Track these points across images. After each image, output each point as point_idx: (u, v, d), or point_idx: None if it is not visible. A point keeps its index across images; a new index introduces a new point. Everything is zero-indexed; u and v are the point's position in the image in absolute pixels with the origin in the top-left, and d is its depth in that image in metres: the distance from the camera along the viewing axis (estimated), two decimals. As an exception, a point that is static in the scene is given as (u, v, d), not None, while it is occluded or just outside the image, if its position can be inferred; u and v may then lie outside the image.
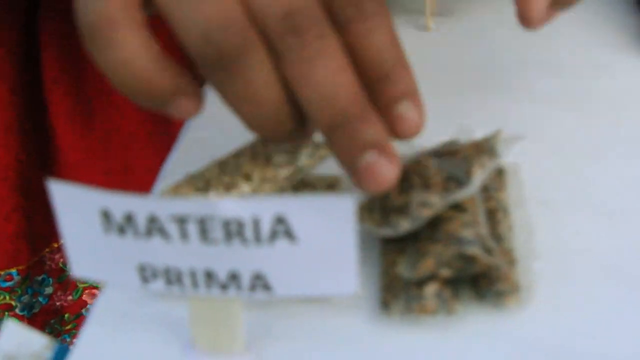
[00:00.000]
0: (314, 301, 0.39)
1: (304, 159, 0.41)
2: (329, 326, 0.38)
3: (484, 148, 0.41)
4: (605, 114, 0.53)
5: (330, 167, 0.42)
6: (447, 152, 0.41)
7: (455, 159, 0.40)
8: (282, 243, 0.32)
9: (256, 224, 0.31)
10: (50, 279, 0.83)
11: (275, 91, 0.34)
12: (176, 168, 0.49)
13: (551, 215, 0.44)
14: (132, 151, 0.77)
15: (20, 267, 0.79)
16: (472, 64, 0.60)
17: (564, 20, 0.65)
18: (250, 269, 0.33)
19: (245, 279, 0.33)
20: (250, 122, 0.36)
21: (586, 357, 0.36)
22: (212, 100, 0.56)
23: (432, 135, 0.48)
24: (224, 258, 0.33)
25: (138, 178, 0.78)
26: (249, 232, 0.32)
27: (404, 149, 0.45)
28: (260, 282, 0.33)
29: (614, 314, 0.38)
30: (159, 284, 0.34)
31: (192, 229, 0.32)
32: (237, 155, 0.41)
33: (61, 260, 0.82)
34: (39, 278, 0.82)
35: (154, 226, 0.32)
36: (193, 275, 0.34)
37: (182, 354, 0.37)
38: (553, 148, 0.50)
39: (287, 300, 0.39)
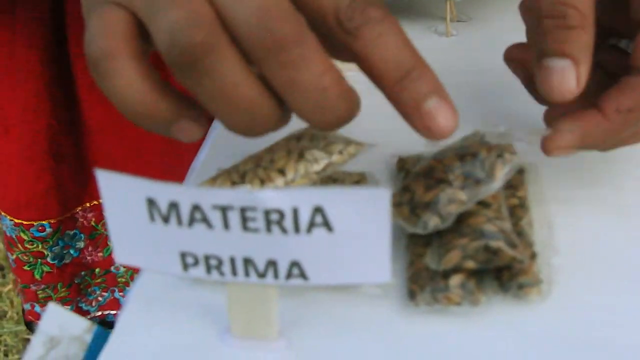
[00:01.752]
0: (345, 290, 0.40)
1: (335, 155, 0.41)
2: (358, 315, 0.38)
3: (506, 145, 0.41)
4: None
5: (357, 164, 0.43)
6: (470, 149, 0.42)
7: (479, 157, 0.41)
8: (319, 233, 0.33)
9: (295, 214, 0.32)
10: (82, 235, 0.88)
11: (247, 89, 0.34)
12: (207, 164, 0.50)
13: (570, 213, 0.44)
14: None
15: (51, 221, 0.84)
16: (491, 67, 0.60)
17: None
18: (288, 257, 0.34)
19: (283, 267, 0.34)
20: (223, 120, 0.36)
21: (603, 348, 0.37)
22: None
23: (453, 135, 0.49)
24: (264, 247, 0.34)
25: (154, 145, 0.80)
26: (288, 222, 0.32)
27: (426, 148, 0.46)
28: (296, 270, 0.34)
29: (630, 307, 0.39)
30: (199, 271, 0.35)
31: (234, 218, 0.33)
32: (271, 150, 0.42)
33: (93, 219, 0.87)
34: (71, 232, 0.87)
35: (197, 215, 0.33)
36: (232, 262, 0.34)
37: (218, 338, 0.38)
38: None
39: (319, 289, 0.39)
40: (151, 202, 0.33)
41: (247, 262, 0.34)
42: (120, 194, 0.34)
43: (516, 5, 0.69)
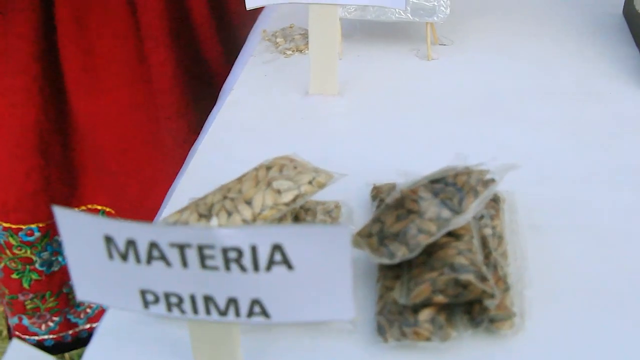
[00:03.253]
0: (311, 325, 0.38)
1: (304, 186, 0.40)
2: (325, 350, 0.37)
3: (479, 177, 0.40)
4: (597, 142, 0.52)
5: (331, 192, 0.42)
6: (443, 181, 0.40)
7: (451, 188, 0.40)
8: (279, 271, 0.31)
9: (254, 252, 0.31)
10: None
11: None
12: (183, 192, 0.49)
13: (543, 240, 0.43)
14: (133, 118, 0.78)
15: (40, 225, 0.82)
16: (470, 91, 0.59)
17: (560, 51, 0.65)
18: (248, 295, 0.32)
19: (244, 305, 0.33)
20: None
21: (578, 384, 0.35)
22: (219, 125, 0.56)
23: (431, 160, 0.48)
24: (223, 285, 0.32)
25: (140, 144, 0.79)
26: (247, 260, 0.31)
27: (400, 177, 0.45)
28: (258, 308, 0.33)
29: (604, 337, 0.37)
30: (160, 308, 0.34)
31: (192, 256, 0.31)
32: (240, 180, 0.41)
33: None
34: (59, 238, 0.83)
35: (155, 252, 0.32)
36: (193, 300, 0.33)
37: (182, 376, 0.36)
38: (546, 174, 0.49)
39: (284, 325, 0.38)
40: (109, 240, 0.32)
41: (208, 300, 0.33)
42: (79, 231, 0.33)
43: (497, 30, 0.68)
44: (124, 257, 0.32)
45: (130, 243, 0.32)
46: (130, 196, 0.81)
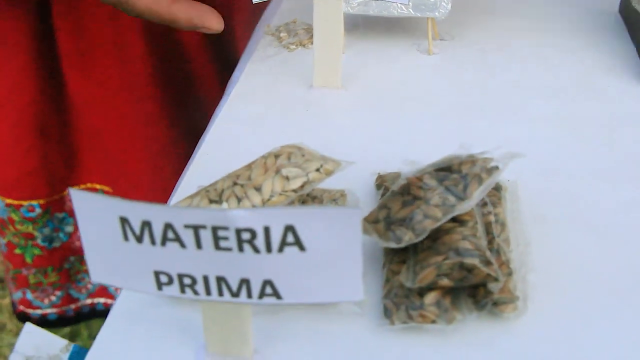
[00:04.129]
0: (321, 308, 0.39)
1: (312, 173, 0.41)
2: (333, 333, 0.38)
3: (483, 165, 0.41)
4: (598, 136, 0.53)
5: (337, 181, 0.43)
6: (447, 168, 0.41)
7: (455, 175, 0.40)
8: (291, 252, 0.32)
9: (267, 233, 0.31)
10: (71, 219, 0.88)
11: None
12: (190, 182, 0.50)
13: (545, 230, 0.44)
14: (132, 96, 0.79)
15: (40, 201, 0.84)
16: (471, 86, 0.60)
17: (560, 46, 0.65)
18: (260, 276, 0.33)
19: (256, 286, 0.33)
20: None
21: (579, 366, 0.36)
22: (225, 117, 0.56)
23: (433, 153, 0.48)
24: (236, 266, 0.33)
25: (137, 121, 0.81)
26: (260, 241, 0.32)
27: (405, 167, 0.45)
28: (269, 289, 0.33)
29: (604, 324, 0.38)
30: (173, 290, 0.34)
31: (206, 237, 0.32)
32: (249, 168, 0.42)
33: None
34: (60, 215, 0.86)
35: (170, 234, 0.32)
36: (206, 281, 0.34)
37: (195, 356, 0.37)
38: (548, 167, 0.50)
39: (294, 306, 0.39)
40: (124, 221, 0.33)
41: (220, 281, 0.33)
42: (94, 213, 0.33)
43: (497, 27, 0.68)
44: (139, 238, 0.33)
45: (146, 224, 0.32)
46: (128, 175, 0.83)
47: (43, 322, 0.94)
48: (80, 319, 0.94)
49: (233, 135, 0.54)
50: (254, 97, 0.59)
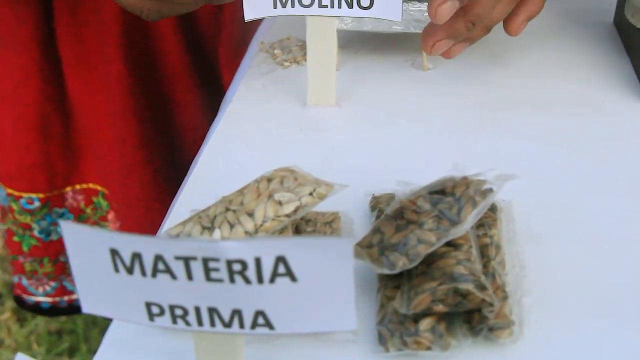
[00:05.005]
0: (314, 335, 0.38)
1: (305, 197, 0.40)
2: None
3: (477, 187, 0.40)
4: (594, 152, 0.53)
5: (330, 202, 0.42)
6: (441, 191, 0.41)
7: (449, 198, 0.40)
8: (283, 282, 0.31)
9: (258, 264, 0.31)
10: (71, 215, 0.91)
11: None
12: (184, 204, 0.49)
13: (541, 250, 0.43)
14: (127, 96, 0.81)
15: (40, 195, 0.87)
16: (466, 101, 0.59)
17: (553, 61, 0.65)
18: (252, 307, 0.32)
19: (248, 317, 0.33)
20: None
21: (576, 391, 0.36)
22: (219, 136, 0.56)
23: (429, 170, 0.48)
24: (228, 297, 0.32)
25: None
26: (251, 272, 0.31)
27: (399, 188, 0.45)
28: (262, 319, 0.33)
29: (603, 345, 0.38)
30: (165, 321, 0.34)
31: (197, 268, 0.32)
32: (242, 192, 0.41)
33: (82, 201, 0.89)
34: (59, 210, 0.90)
35: (160, 265, 0.32)
36: (198, 312, 0.33)
37: (187, 386, 0.37)
38: (543, 183, 0.50)
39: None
40: (114, 253, 0.32)
41: (212, 312, 0.33)
42: (84, 245, 0.33)
43: (491, 40, 0.68)
44: (130, 270, 0.32)
45: (136, 256, 0.32)
46: (124, 179, 0.85)
47: (36, 309, 0.96)
48: (72, 311, 0.97)
49: (227, 155, 0.54)
50: (248, 115, 0.58)
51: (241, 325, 0.33)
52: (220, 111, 0.63)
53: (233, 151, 0.54)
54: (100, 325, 1.39)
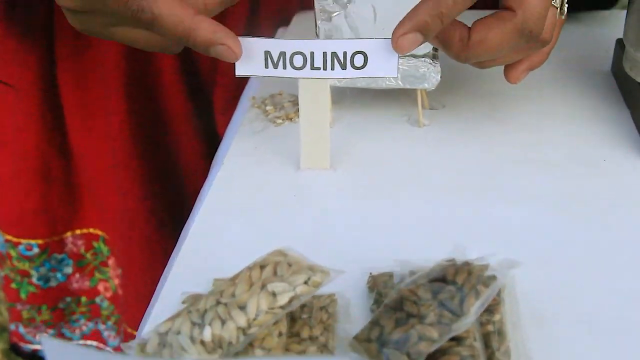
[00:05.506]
0: None
1: (300, 286, 0.39)
2: None
3: (479, 274, 0.39)
4: (597, 218, 0.51)
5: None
6: (442, 278, 0.39)
7: (451, 287, 0.38)
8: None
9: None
10: (71, 261, 0.90)
11: None
12: (174, 283, 0.47)
13: (545, 333, 0.42)
14: (122, 148, 0.82)
15: (39, 242, 0.86)
16: (464, 162, 0.58)
17: (551, 114, 0.64)
18: None
19: None
20: None
21: None
22: (209, 206, 0.54)
23: (427, 244, 0.46)
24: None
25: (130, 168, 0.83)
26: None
27: (397, 267, 0.43)
28: None
29: None
30: None
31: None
32: (233, 282, 0.39)
33: (83, 246, 0.88)
34: (59, 256, 0.89)
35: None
36: None
37: None
38: (545, 255, 0.48)
39: None
40: (98, 370, 0.30)
41: None
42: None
43: (488, 93, 0.67)
44: (114, 387, 0.31)
45: (121, 374, 0.30)
46: (125, 224, 0.85)
47: (33, 357, 0.95)
48: None
49: (218, 226, 0.52)
50: (239, 181, 0.57)
51: None
52: (210, 173, 0.61)
53: (224, 223, 0.52)
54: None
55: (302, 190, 0.55)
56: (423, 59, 0.60)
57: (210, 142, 0.86)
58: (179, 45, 0.53)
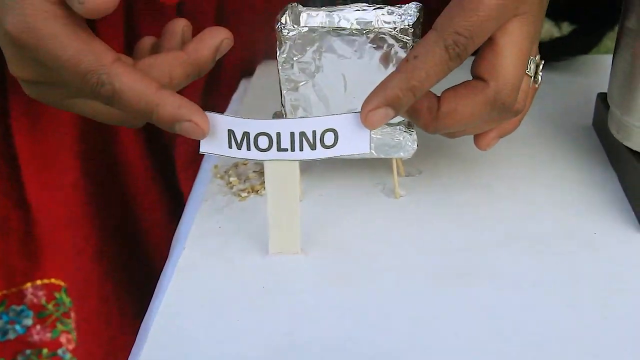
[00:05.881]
0: None
1: None
2: None
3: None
4: (591, 304, 0.47)
5: None
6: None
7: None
8: None
9: None
10: (31, 312, 0.85)
11: None
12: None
13: None
14: (77, 205, 0.79)
15: None
16: (443, 240, 0.53)
17: (536, 178, 0.60)
18: None
19: None
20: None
21: None
22: (171, 300, 0.49)
23: (410, 347, 0.42)
24: None
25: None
26: None
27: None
28: None
29: None
30: None
31: None
32: None
33: (44, 297, 0.84)
34: (17, 308, 0.84)
35: None
36: None
37: None
38: (540, 352, 0.44)
39: None
40: None
41: None
42: None
43: (467, 157, 0.63)
44: None
45: None
46: (83, 274, 0.82)
47: None
48: None
49: (181, 326, 0.47)
50: (202, 269, 0.52)
51: None
52: (171, 254, 0.56)
53: (187, 320, 0.47)
54: None
55: (272, 281, 0.50)
56: (398, 127, 0.56)
57: (172, 199, 0.83)
58: (141, 120, 0.49)
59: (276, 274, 0.51)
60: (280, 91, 0.55)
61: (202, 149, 0.49)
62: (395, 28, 0.51)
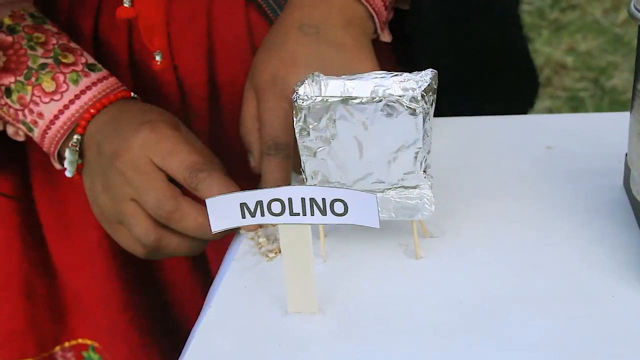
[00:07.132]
0: None
1: None
2: None
3: None
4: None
5: None
6: None
7: None
8: None
9: None
10: None
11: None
12: None
13: None
14: (102, 262, 0.83)
15: None
16: (465, 301, 0.54)
17: (558, 238, 0.60)
18: None
19: None
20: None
21: None
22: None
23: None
24: None
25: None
26: None
27: None
28: None
29: None
30: None
31: None
32: None
33: (73, 359, 0.88)
34: None
35: None
36: None
37: None
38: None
39: None
40: None
41: None
42: None
43: (490, 216, 0.63)
44: None
45: None
46: (114, 332, 0.85)
47: None
48: None
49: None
50: (224, 327, 0.54)
51: None
52: (203, 310, 0.59)
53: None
54: None
55: (289, 339, 0.52)
56: (415, 190, 0.58)
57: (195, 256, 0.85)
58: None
59: (293, 332, 0.53)
60: (300, 158, 0.57)
61: (214, 228, 0.52)
62: (403, 96, 0.53)
